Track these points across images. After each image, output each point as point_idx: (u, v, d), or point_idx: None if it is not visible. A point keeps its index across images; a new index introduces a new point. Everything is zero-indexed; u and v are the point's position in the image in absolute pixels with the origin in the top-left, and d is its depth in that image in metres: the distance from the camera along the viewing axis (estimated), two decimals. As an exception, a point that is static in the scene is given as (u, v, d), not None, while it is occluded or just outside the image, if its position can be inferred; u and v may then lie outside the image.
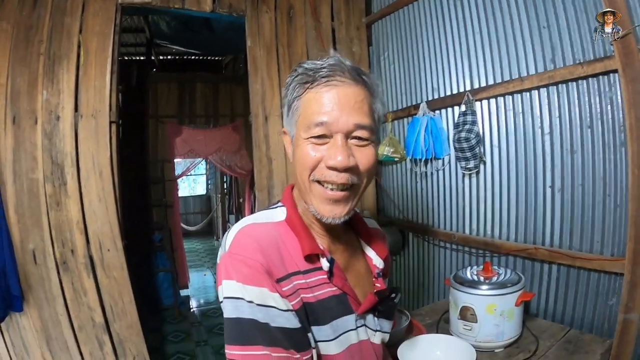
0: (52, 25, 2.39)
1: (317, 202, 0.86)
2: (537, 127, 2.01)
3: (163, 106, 5.85)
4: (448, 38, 2.46)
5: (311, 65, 0.87)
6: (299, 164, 0.87)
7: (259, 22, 2.89)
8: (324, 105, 0.83)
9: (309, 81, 0.85)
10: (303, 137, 0.85)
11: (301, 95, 0.86)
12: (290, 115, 0.90)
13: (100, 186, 2.45)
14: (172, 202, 5.65)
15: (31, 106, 2.35)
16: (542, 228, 2.00)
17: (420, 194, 2.76)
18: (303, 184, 0.87)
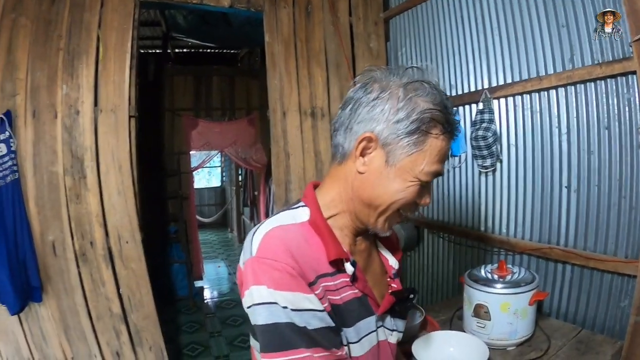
0: (71, 21, 2.41)
1: (386, 222, 0.91)
2: (554, 127, 2.00)
3: (179, 99, 5.89)
4: (466, 35, 2.45)
5: (440, 97, 0.85)
6: (395, 193, 0.86)
7: (277, 17, 2.89)
8: (444, 158, 0.87)
9: (441, 122, 0.84)
10: (415, 177, 0.84)
11: (429, 135, 0.83)
12: (405, 141, 0.83)
13: (119, 180, 2.48)
14: (188, 194, 5.67)
15: (51, 100, 2.37)
16: (557, 228, 2.00)
17: (436, 191, 2.76)
18: (383, 205, 0.88)
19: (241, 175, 8.71)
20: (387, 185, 0.85)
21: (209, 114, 6.19)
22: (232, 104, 6.34)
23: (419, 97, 0.82)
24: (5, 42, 2.32)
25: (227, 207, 10.19)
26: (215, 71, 6.28)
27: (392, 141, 0.83)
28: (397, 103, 0.82)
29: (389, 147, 0.84)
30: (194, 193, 5.99)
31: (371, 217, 0.89)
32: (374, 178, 0.86)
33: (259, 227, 0.87)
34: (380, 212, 0.88)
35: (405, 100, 0.82)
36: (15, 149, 2.29)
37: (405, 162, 0.84)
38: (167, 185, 5.59)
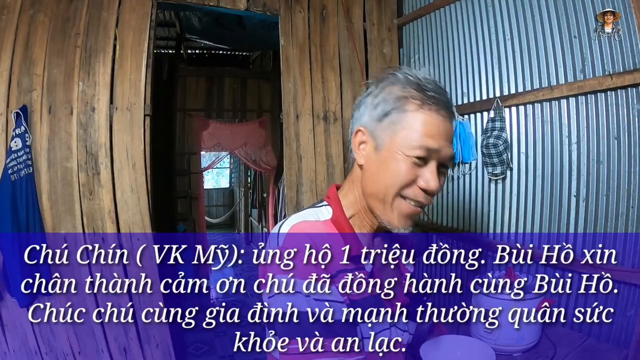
0: (89, 19, 2.45)
1: (395, 214, 0.89)
2: (564, 136, 2.02)
3: (191, 100, 5.95)
4: (479, 43, 2.47)
5: (414, 78, 0.88)
6: (390, 176, 0.88)
7: (292, 21, 2.91)
8: (435, 133, 0.86)
9: (417, 99, 0.87)
10: (405, 154, 0.86)
11: (407, 111, 0.87)
12: (385, 123, 0.89)
13: (133, 177, 2.50)
14: (197, 194, 5.70)
15: (67, 97, 2.41)
16: (566, 236, 2.01)
17: (446, 197, 2.78)
18: (385, 195, 0.89)
19: (250, 177, 8.72)
20: (382, 170, 0.89)
21: (220, 115, 6.24)
22: (243, 106, 6.39)
23: (391, 84, 0.89)
24: (23, 38, 2.37)
25: (235, 208, 10.21)
26: (227, 73, 6.33)
27: (376, 127, 0.90)
28: (375, 94, 0.91)
29: (375, 133, 0.90)
30: (203, 193, 6.02)
31: (380, 209, 0.91)
32: (372, 168, 0.91)
33: (284, 221, 0.92)
34: (384, 200, 0.89)
35: (379, 89, 0.91)
36: (30, 144, 2.33)
37: (390, 142, 0.88)
38: (177, 185, 5.60)
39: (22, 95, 2.35)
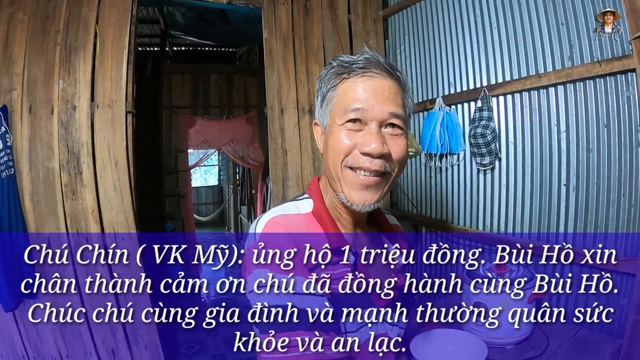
0: (69, 16, 2.41)
1: (348, 188, 0.87)
2: (553, 125, 1.99)
3: (177, 97, 5.89)
4: (465, 33, 2.44)
5: (347, 58, 0.89)
6: (331, 150, 0.88)
7: (276, 14, 2.88)
8: (360, 94, 0.85)
9: (345, 72, 0.88)
10: (338, 124, 0.87)
11: (337, 86, 0.89)
12: (324, 105, 0.92)
13: (116, 176, 2.46)
14: (185, 192, 5.69)
15: (47, 96, 2.37)
16: (556, 225, 1.99)
17: (434, 188, 2.75)
18: (335, 171, 0.88)
19: (238, 173, 8.69)
20: (327, 149, 0.90)
21: (206, 112, 6.18)
22: (230, 102, 6.34)
23: (327, 72, 0.92)
24: (2, 36, 2.32)
25: (224, 205, 10.17)
26: (213, 69, 6.28)
27: (321, 114, 0.93)
28: (319, 87, 0.94)
29: (321, 120, 0.94)
30: (191, 191, 6.00)
31: (337, 189, 0.90)
32: (325, 152, 0.92)
33: (262, 215, 0.91)
34: (335, 178, 0.89)
35: (320, 81, 0.93)
36: (11, 145, 2.29)
37: (329, 121, 0.90)
38: (164, 183, 5.57)
39: (1, 95, 2.32)
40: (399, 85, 0.90)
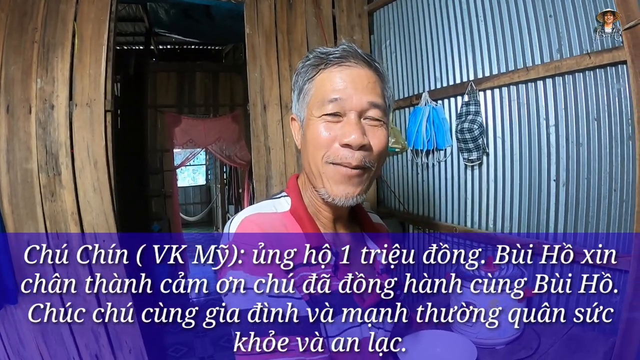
0: (47, 12, 2.37)
1: (329, 183, 0.84)
2: (542, 119, 1.96)
3: (162, 96, 5.83)
4: (451, 26, 2.40)
5: (323, 49, 0.87)
6: (310, 144, 0.84)
7: (258, 8, 2.83)
8: (338, 84, 0.82)
9: (321, 63, 0.85)
10: (315, 116, 0.84)
11: (313, 77, 0.86)
12: (301, 99, 0.89)
13: (95, 177, 2.41)
14: (171, 192, 5.65)
15: (25, 95, 2.32)
16: (546, 222, 1.96)
17: (421, 185, 2.71)
18: (315, 166, 0.84)
19: (226, 173, 8.65)
20: (305, 143, 0.87)
21: (192, 110, 6.11)
22: (215, 101, 6.27)
23: (303, 65, 0.89)
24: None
25: (212, 205, 10.12)
26: (198, 67, 6.21)
27: (297, 108, 0.91)
28: (294, 82, 0.91)
29: (298, 114, 0.91)
30: (177, 191, 5.96)
31: (317, 185, 0.86)
32: (303, 147, 0.89)
33: (237, 215, 0.88)
34: (316, 174, 0.85)
35: (295, 75, 0.91)
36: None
37: (306, 114, 0.87)
38: (150, 183, 5.53)
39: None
40: (378, 75, 0.87)
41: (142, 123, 5.30)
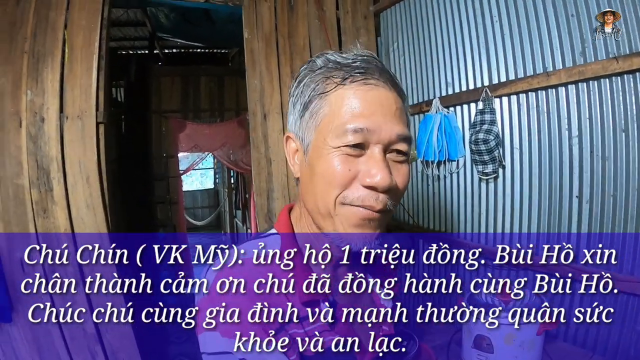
0: (37, 21, 2.32)
1: (344, 226, 0.69)
2: (564, 129, 1.80)
3: (166, 101, 5.79)
4: (464, 27, 2.24)
5: (339, 58, 0.71)
6: (322, 180, 0.69)
7: (257, 11, 2.72)
8: (363, 108, 0.67)
9: (338, 76, 0.69)
10: (332, 146, 0.67)
11: (327, 93, 0.70)
12: (306, 117, 0.72)
13: (87, 192, 2.35)
14: (177, 199, 5.64)
15: (15, 107, 2.28)
16: (567, 242, 1.80)
17: (432, 198, 2.56)
18: (325, 207, 0.69)
19: (233, 177, 8.63)
20: (313, 176, 0.71)
21: (197, 115, 6.07)
22: (221, 105, 6.21)
23: (309, 72, 0.73)
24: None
25: (220, 209, 10.15)
26: (202, 71, 6.14)
27: (299, 127, 0.74)
28: (294, 92, 0.76)
29: (300, 134, 0.74)
30: (182, 197, 5.96)
31: (327, 227, 0.72)
32: (305, 177, 0.74)
33: (216, 261, 0.75)
34: (326, 215, 0.70)
35: (297, 83, 0.75)
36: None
37: (315, 138, 0.71)
38: (154, 190, 5.54)
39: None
40: (402, 99, 0.73)
41: (146, 129, 5.30)
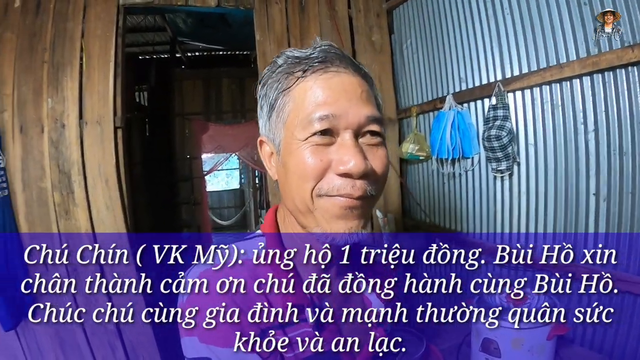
0: (55, 32, 2.43)
1: (326, 219, 0.66)
2: (579, 123, 1.72)
3: (189, 103, 5.88)
4: (475, 21, 2.18)
5: (297, 52, 0.70)
6: (295, 176, 0.67)
7: (269, 14, 2.73)
8: (327, 95, 0.65)
9: (298, 70, 0.68)
10: (299, 139, 0.66)
11: (290, 88, 0.68)
12: (274, 116, 0.70)
13: (107, 194, 2.45)
14: (201, 199, 5.70)
15: (37, 115, 2.40)
16: (584, 242, 1.72)
17: (447, 196, 2.50)
18: (302, 203, 0.67)
19: (258, 177, 8.66)
20: (287, 173, 0.69)
21: (219, 117, 6.12)
22: (242, 106, 6.24)
23: (271, 73, 0.72)
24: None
25: (245, 209, 10.17)
26: (224, 73, 6.18)
27: (269, 128, 0.73)
28: (260, 94, 0.74)
29: (270, 136, 0.73)
30: (207, 197, 6.02)
31: (308, 224, 0.69)
32: (282, 178, 0.72)
33: (197, 263, 0.74)
34: (305, 211, 0.68)
35: (260, 87, 0.74)
36: (4, 166, 2.34)
37: (284, 136, 0.69)
38: (179, 191, 5.64)
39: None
40: (367, 81, 0.71)
41: (170, 131, 5.39)
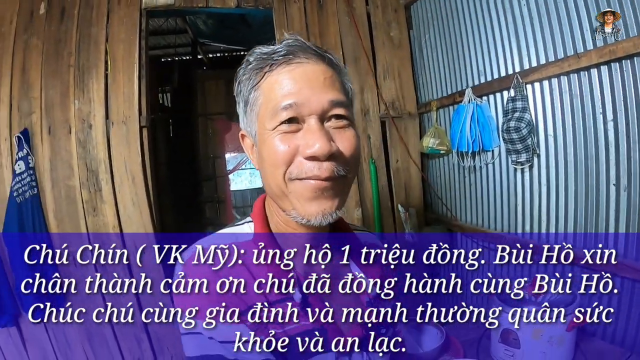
0: (80, 37, 2.53)
1: (300, 202, 0.70)
2: (598, 113, 1.68)
3: (211, 103, 5.92)
4: (492, 13, 2.16)
5: (265, 49, 0.74)
6: (268, 163, 0.71)
7: (287, 13, 2.76)
8: (290, 86, 0.70)
9: (265, 65, 0.72)
10: (269, 129, 0.71)
11: (259, 83, 0.73)
12: (248, 111, 0.76)
13: (133, 192, 2.53)
14: (224, 198, 5.79)
15: (65, 116, 2.50)
16: (605, 233, 1.69)
17: (468, 190, 2.49)
18: (277, 187, 0.72)
19: (280, 175, 8.75)
20: (262, 162, 0.75)
21: (242, 116, 6.17)
22: (264, 104, 6.29)
23: (243, 74, 0.77)
24: (19, 63, 2.47)
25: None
26: (245, 73, 6.23)
27: (247, 122, 0.78)
28: (237, 93, 0.79)
29: (249, 129, 0.78)
30: (230, 196, 6.07)
31: (285, 207, 0.73)
32: (260, 166, 0.76)
33: (188, 247, 0.79)
34: (280, 194, 0.72)
35: (236, 84, 0.78)
36: (33, 166, 2.44)
37: (258, 127, 0.74)
38: (203, 190, 5.71)
39: (22, 119, 2.46)
40: (333, 68, 0.74)
41: (193, 131, 5.45)
